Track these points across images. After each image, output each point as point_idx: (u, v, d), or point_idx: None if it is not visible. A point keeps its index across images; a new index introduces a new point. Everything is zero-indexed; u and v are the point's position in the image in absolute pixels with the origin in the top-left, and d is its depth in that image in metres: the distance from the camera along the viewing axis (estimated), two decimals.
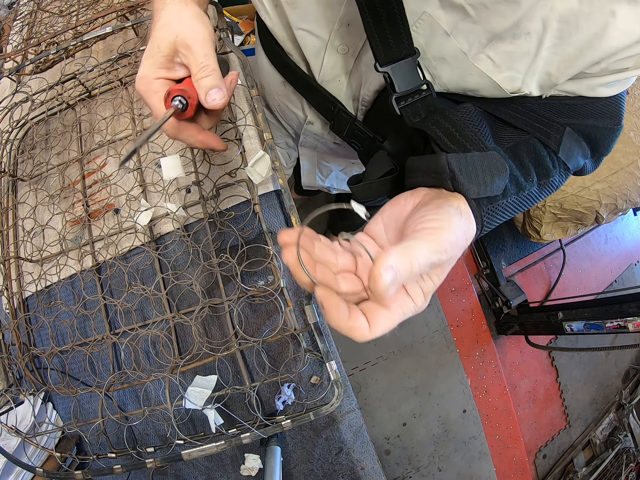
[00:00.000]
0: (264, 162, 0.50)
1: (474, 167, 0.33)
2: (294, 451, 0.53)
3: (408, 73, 0.38)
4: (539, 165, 0.39)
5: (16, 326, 0.54)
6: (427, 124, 0.37)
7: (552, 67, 0.37)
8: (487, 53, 0.37)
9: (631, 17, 0.32)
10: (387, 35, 0.36)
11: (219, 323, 0.52)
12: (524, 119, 0.40)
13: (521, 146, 0.38)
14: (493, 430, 1.53)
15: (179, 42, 0.35)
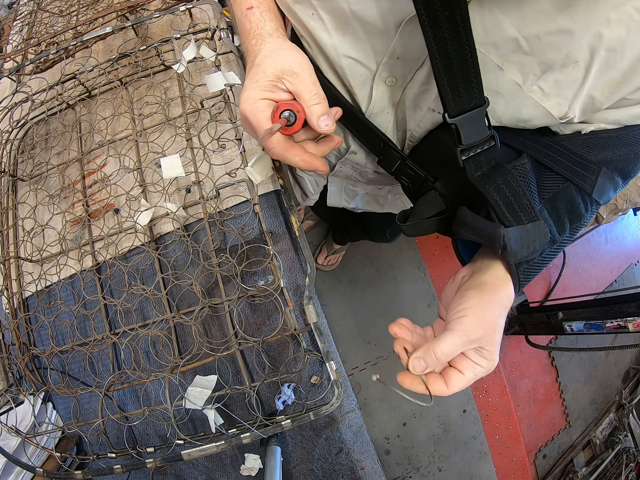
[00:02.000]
0: (264, 162, 0.50)
1: (526, 239, 0.37)
2: (294, 451, 0.53)
3: (476, 124, 0.37)
4: (573, 214, 0.41)
5: (16, 326, 0.54)
6: (488, 187, 0.38)
7: (596, 91, 0.37)
8: (539, 83, 0.37)
9: None
10: (458, 84, 0.34)
11: (219, 323, 0.52)
12: (563, 162, 0.41)
13: (559, 197, 0.40)
14: (493, 430, 1.53)
15: (285, 70, 0.38)
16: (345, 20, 0.39)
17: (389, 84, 0.43)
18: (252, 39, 0.40)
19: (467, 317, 0.34)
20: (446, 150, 0.42)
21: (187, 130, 0.55)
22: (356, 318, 1.50)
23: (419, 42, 0.36)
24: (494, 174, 0.38)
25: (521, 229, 0.37)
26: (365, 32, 0.39)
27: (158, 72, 0.62)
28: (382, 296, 1.53)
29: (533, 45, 0.34)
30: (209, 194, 0.53)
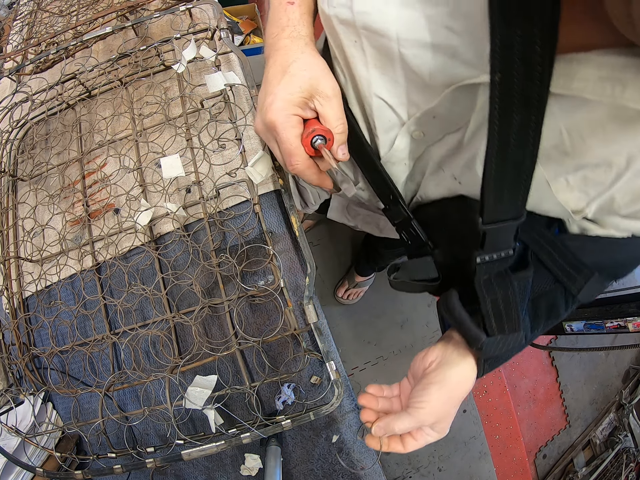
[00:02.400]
0: (264, 162, 0.50)
1: (502, 345, 0.39)
2: (294, 451, 0.53)
3: (506, 235, 0.35)
4: (551, 314, 0.42)
5: (16, 326, 0.54)
6: (487, 298, 0.38)
7: (619, 194, 0.35)
8: (567, 177, 0.36)
9: None
10: (504, 192, 0.31)
11: (219, 323, 0.52)
12: (560, 263, 0.40)
13: (544, 298, 0.41)
14: (493, 430, 1.53)
15: (320, 91, 0.37)
16: (389, 61, 0.36)
17: (415, 137, 0.41)
18: (286, 38, 0.39)
19: (425, 409, 0.39)
20: (454, 224, 0.43)
21: (187, 130, 0.55)
22: (356, 318, 1.50)
23: (462, 110, 0.35)
24: (497, 284, 0.38)
25: (501, 339, 0.39)
26: (406, 79, 0.36)
27: (158, 72, 0.62)
28: (382, 296, 1.53)
29: (575, 144, 0.32)
30: (209, 194, 0.53)
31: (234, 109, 0.54)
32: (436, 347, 0.45)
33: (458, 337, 0.43)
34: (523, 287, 0.39)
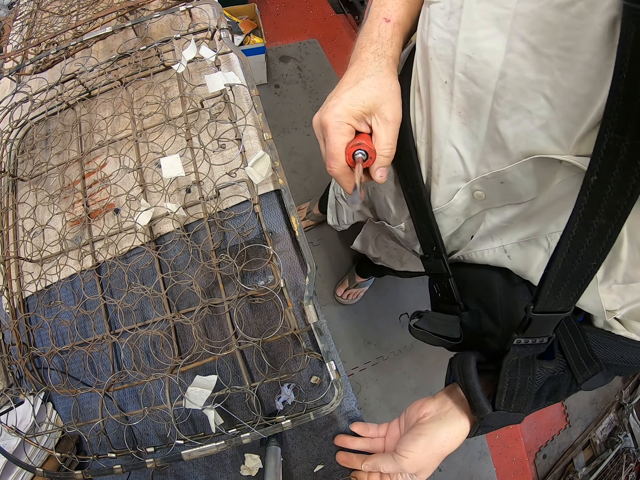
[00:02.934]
0: (264, 162, 0.50)
1: (500, 421, 0.41)
2: (294, 451, 0.53)
3: (548, 324, 0.36)
4: (552, 397, 0.43)
5: (16, 326, 0.54)
6: (507, 377, 0.39)
7: None
8: (616, 280, 0.36)
9: None
10: (562, 288, 0.32)
11: (219, 323, 0.52)
12: (575, 352, 0.41)
13: (550, 381, 0.41)
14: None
15: (382, 111, 0.38)
16: (476, 113, 0.35)
17: (476, 197, 0.41)
18: (371, 52, 0.39)
19: (408, 459, 0.42)
20: (491, 295, 0.43)
21: (187, 130, 0.55)
22: (356, 318, 1.50)
23: (532, 184, 0.34)
24: (522, 368, 0.39)
25: (504, 415, 0.40)
26: (487, 136, 0.35)
27: (158, 72, 0.62)
28: (382, 296, 1.53)
29: (630, 255, 0.32)
30: (209, 194, 0.53)
31: (234, 109, 0.54)
32: (435, 400, 0.47)
33: (459, 397, 0.45)
34: (543, 377, 0.40)
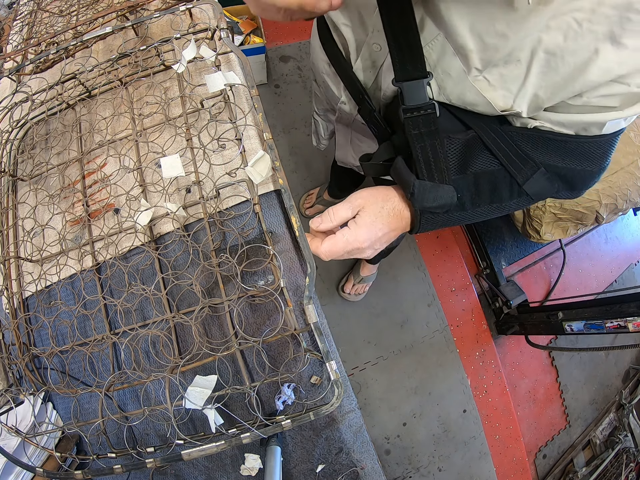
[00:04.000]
0: (264, 162, 0.50)
1: (429, 193, 0.46)
2: (294, 451, 0.53)
3: (417, 91, 0.45)
4: (494, 195, 0.48)
5: (16, 326, 0.54)
6: (416, 145, 0.47)
7: (541, 91, 0.42)
8: (484, 75, 0.43)
9: (612, 57, 0.36)
10: (406, 59, 0.43)
11: (219, 323, 0.52)
12: (504, 149, 0.47)
13: (486, 175, 0.48)
14: (493, 430, 1.53)
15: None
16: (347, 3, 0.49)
17: (375, 49, 0.51)
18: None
19: (361, 195, 0.47)
20: (397, 110, 0.50)
21: (187, 130, 0.55)
22: (356, 318, 1.50)
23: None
24: (427, 137, 0.46)
25: (431, 186, 0.46)
26: (358, 10, 0.50)
27: (158, 72, 0.62)
28: (382, 296, 1.53)
29: (477, 43, 0.40)
30: (209, 194, 0.53)
31: (234, 108, 0.54)
32: None
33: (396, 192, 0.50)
34: (454, 145, 0.47)
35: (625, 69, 0.37)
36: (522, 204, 0.50)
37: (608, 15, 0.33)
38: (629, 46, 0.35)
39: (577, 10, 0.34)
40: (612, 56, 0.36)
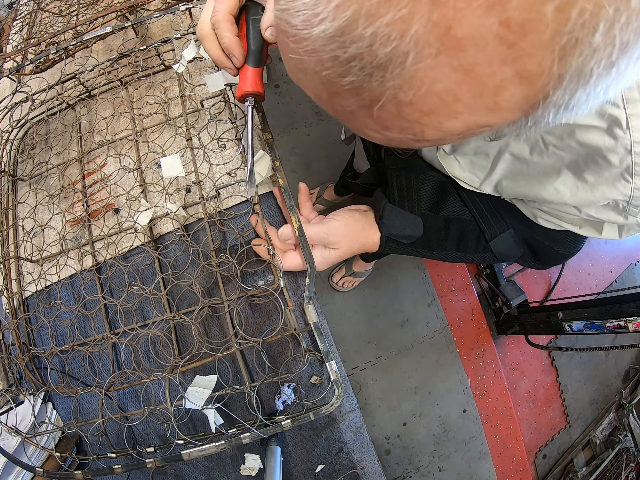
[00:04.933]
0: (264, 162, 0.50)
1: (397, 219, 0.48)
2: (294, 451, 0.53)
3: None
4: (461, 243, 0.50)
5: (16, 326, 0.54)
6: (393, 174, 0.50)
7: (504, 182, 0.45)
8: (456, 156, 0.46)
9: (569, 184, 0.37)
10: None
11: (219, 323, 0.52)
12: (477, 203, 0.49)
13: (456, 221, 0.50)
14: (493, 430, 1.53)
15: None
16: None
17: None
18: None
19: (338, 222, 0.48)
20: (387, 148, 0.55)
21: (187, 130, 0.55)
22: (356, 318, 1.50)
23: None
24: (404, 171, 0.50)
25: (399, 212, 0.48)
26: None
27: (158, 72, 0.62)
28: (382, 296, 1.53)
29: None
30: (209, 194, 0.53)
31: (234, 108, 0.54)
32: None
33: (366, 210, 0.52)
34: (428, 182, 0.50)
35: (576, 201, 0.38)
36: (487, 259, 0.52)
37: (575, 148, 0.35)
38: (589, 182, 0.36)
39: (547, 133, 0.36)
40: (570, 184, 0.37)
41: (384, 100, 0.19)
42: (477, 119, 0.19)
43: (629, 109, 0.30)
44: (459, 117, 0.19)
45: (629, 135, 0.31)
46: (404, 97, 0.18)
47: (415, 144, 0.22)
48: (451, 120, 0.19)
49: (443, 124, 0.19)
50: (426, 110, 0.19)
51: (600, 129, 0.32)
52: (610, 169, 0.33)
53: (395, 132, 0.21)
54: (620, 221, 0.38)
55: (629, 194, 0.34)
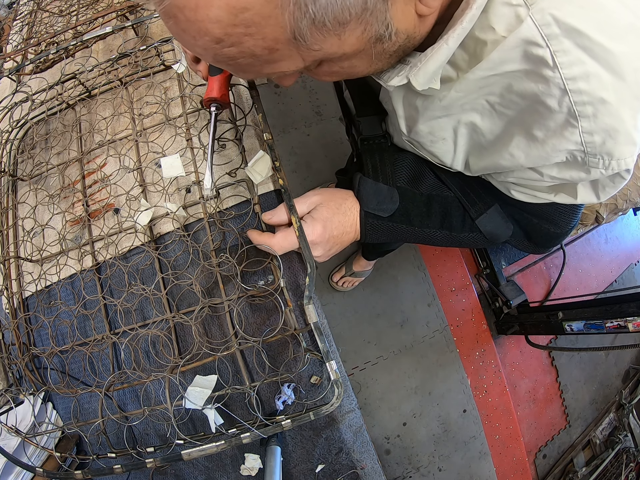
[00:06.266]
0: (264, 162, 0.50)
1: (371, 190, 0.48)
2: (294, 451, 0.53)
3: (373, 124, 0.56)
4: (445, 221, 0.49)
5: (16, 326, 0.54)
6: (367, 154, 0.52)
7: (470, 160, 0.45)
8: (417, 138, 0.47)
9: (522, 145, 0.36)
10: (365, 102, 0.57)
11: (219, 323, 0.52)
12: (457, 181, 0.49)
13: (438, 198, 0.49)
14: (493, 430, 1.53)
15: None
16: None
17: None
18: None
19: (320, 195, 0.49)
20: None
21: (187, 130, 0.55)
22: (356, 318, 1.49)
23: None
24: (377, 150, 0.53)
25: (373, 183, 0.49)
26: None
27: (158, 72, 0.62)
28: (382, 296, 1.53)
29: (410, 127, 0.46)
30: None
31: (234, 109, 0.54)
32: None
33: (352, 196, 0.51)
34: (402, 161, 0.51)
35: (531, 161, 0.37)
36: (477, 240, 0.50)
37: (517, 102, 0.34)
38: (539, 138, 0.34)
39: (488, 94, 0.35)
40: (522, 145, 0.36)
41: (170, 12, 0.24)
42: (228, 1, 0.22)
43: (552, 45, 0.28)
44: (214, 3, 0.22)
45: (559, 73, 0.29)
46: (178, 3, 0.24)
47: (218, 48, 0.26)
48: (211, 8, 0.23)
49: (209, 14, 0.23)
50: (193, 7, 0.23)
51: (530, 73, 0.31)
52: (553, 117, 0.32)
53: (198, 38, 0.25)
54: (584, 177, 0.36)
55: (579, 141, 0.32)
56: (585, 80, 0.29)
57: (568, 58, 0.28)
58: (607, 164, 0.33)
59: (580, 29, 0.28)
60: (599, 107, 0.30)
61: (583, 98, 0.29)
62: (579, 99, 0.30)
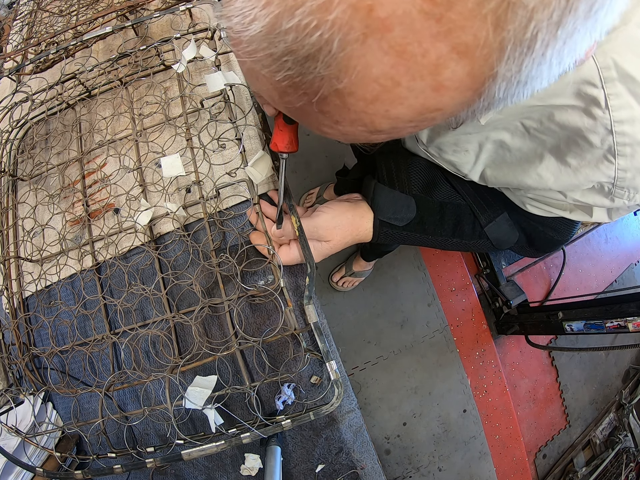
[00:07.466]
0: (264, 162, 0.50)
1: (388, 199, 0.47)
2: (294, 451, 0.53)
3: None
4: (457, 228, 0.49)
5: (16, 326, 0.54)
6: (380, 158, 0.50)
7: (487, 172, 0.45)
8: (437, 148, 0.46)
9: (552, 168, 0.37)
10: None
11: (219, 323, 0.52)
12: (468, 189, 0.49)
13: (450, 206, 0.49)
14: (493, 430, 1.53)
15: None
16: None
17: None
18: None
19: (326, 214, 0.48)
20: None
21: (187, 130, 0.55)
22: (356, 318, 1.50)
23: None
24: (393, 154, 0.51)
25: (390, 191, 0.48)
26: None
27: (158, 72, 0.62)
28: (382, 296, 1.53)
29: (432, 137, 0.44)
30: (208, 193, 0.53)
31: (234, 108, 0.54)
32: None
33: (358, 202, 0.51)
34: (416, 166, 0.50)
35: (560, 186, 0.38)
36: (483, 246, 0.51)
37: (556, 131, 0.35)
38: (572, 165, 0.35)
39: (526, 118, 0.36)
40: (553, 168, 0.37)
41: (323, 91, 0.18)
42: (424, 102, 0.18)
43: (607, 88, 0.30)
44: (404, 102, 0.18)
45: (609, 115, 0.31)
46: (342, 87, 0.18)
47: (370, 136, 0.22)
48: (397, 106, 0.18)
49: (390, 111, 0.19)
50: (369, 98, 0.18)
51: (578, 109, 0.32)
52: (592, 151, 0.33)
53: (347, 125, 0.21)
54: (607, 204, 0.37)
55: (613, 175, 0.33)
56: (631, 124, 0.31)
57: (619, 102, 0.30)
58: (632, 196, 0.35)
59: (635, 77, 0.29)
60: (637, 148, 0.32)
61: (625, 139, 0.31)
62: (621, 140, 0.31)
